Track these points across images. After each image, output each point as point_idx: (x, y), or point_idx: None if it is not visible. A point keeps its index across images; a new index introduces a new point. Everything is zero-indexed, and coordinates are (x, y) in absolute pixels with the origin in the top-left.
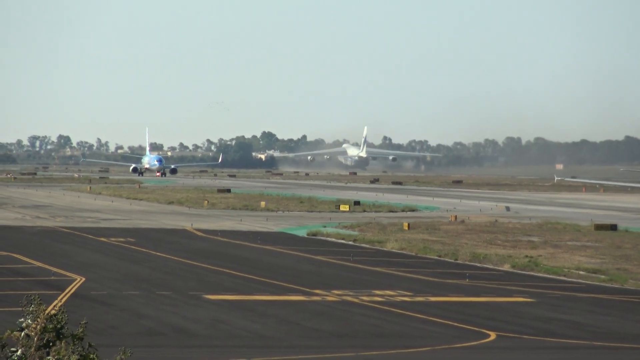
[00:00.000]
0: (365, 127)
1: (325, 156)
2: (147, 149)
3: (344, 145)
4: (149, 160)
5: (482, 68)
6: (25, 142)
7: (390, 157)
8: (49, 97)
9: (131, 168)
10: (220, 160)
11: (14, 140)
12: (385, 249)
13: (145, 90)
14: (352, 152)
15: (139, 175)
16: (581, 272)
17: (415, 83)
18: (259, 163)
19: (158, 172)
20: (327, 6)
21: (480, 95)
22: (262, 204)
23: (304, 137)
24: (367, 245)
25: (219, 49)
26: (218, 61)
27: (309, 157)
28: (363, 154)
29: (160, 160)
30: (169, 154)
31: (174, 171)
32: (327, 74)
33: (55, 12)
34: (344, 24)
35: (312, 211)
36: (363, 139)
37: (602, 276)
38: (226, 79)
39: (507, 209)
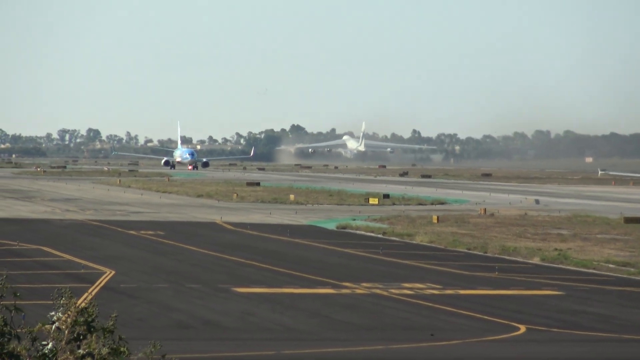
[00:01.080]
0: (364, 123)
1: (326, 149)
2: (179, 142)
3: (344, 138)
4: (181, 153)
5: (511, 61)
6: (55, 135)
7: (388, 149)
8: (78, 90)
9: (163, 161)
10: (252, 153)
11: (43, 134)
12: (414, 242)
13: (175, 84)
14: (352, 144)
15: (170, 168)
16: (610, 265)
17: (444, 76)
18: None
19: (190, 165)
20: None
21: (509, 89)
22: (292, 197)
23: (333, 130)
24: (397, 238)
25: (248, 42)
26: (248, 54)
27: (309, 150)
28: (362, 148)
29: (192, 154)
30: (199, 147)
31: (206, 164)
32: (357, 68)
33: (85, 6)
34: (375, 17)
35: (341, 204)
36: (362, 134)
37: (632, 269)
38: (256, 72)
39: (537, 202)
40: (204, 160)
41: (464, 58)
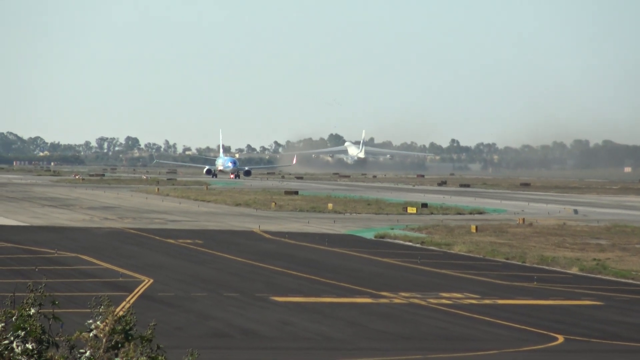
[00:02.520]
0: (364, 130)
1: (329, 155)
2: (221, 150)
3: (346, 144)
4: (223, 162)
5: (551, 70)
6: (93, 143)
7: (388, 156)
8: (117, 99)
9: (205, 170)
10: (294, 161)
11: (82, 142)
12: (452, 251)
13: (213, 93)
14: (353, 151)
15: (212, 176)
16: None
17: (484, 85)
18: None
19: (232, 173)
20: (396, 5)
21: (548, 98)
22: (330, 206)
23: (372, 139)
24: (435, 248)
25: (285, 51)
26: (284, 63)
27: (312, 155)
28: (362, 155)
29: (234, 162)
30: (237, 155)
31: (247, 173)
32: (395, 77)
33: (124, 15)
34: (415, 29)
35: (379, 213)
36: (362, 141)
37: None
38: (293, 80)
39: (575, 211)
40: (246, 168)
41: (503, 67)
